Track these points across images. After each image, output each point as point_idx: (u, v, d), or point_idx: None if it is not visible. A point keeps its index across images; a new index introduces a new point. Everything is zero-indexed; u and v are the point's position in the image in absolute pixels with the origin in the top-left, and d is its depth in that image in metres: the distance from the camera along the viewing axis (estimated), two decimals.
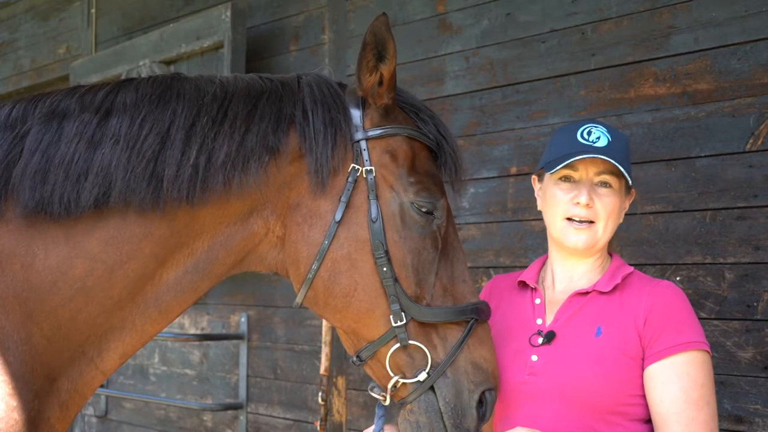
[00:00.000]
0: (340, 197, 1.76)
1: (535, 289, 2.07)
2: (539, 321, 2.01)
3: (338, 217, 1.76)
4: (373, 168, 1.78)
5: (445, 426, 1.77)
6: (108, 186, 1.66)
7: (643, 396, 1.88)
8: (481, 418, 1.80)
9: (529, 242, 3.26)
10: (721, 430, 2.69)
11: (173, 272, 1.75)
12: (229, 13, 4.25)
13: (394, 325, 1.76)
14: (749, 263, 2.68)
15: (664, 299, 1.91)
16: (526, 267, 2.19)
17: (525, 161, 3.30)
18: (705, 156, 2.81)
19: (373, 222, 1.76)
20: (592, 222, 1.96)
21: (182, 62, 4.59)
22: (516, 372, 1.96)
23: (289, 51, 4.30)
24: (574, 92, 3.17)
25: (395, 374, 1.79)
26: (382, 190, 1.79)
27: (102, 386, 5.24)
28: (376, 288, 1.76)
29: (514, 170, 3.35)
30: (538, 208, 2.09)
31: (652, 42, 2.96)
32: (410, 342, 1.76)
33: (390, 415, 1.94)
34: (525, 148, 3.31)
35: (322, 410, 3.24)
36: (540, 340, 1.96)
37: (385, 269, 1.75)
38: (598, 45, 3.11)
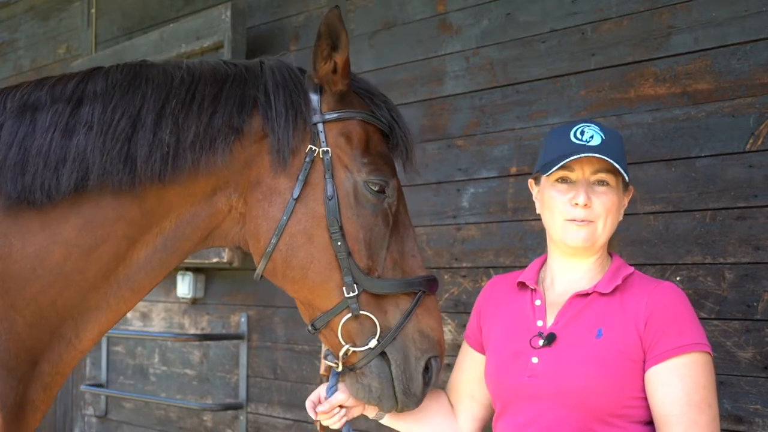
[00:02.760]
0: (298, 176, 1.87)
1: (535, 290, 2.06)
2: (540, 323, 2.00)
3: (296, 194, 1.87)
4: (329, 149, 1.89)
5: (394, 390, 1.90)
6: (86, 170, 1.74)
7: (645, 398, 1.88)
8: (427, 383, 1.93)
9: (529, 242, 3.26)
10: (721, 430, 2.69)
11: (143, 252, 1.85)
12: (229, 13, 4.25)
13: (346, 295, 1.88)
14: (749, 263, 2.68)
15: (665, 301, 1.90)
16: (525, 267, 2.18)
17: (525, 161, 3.30)
18: (705, 156, 2.81)
19: (329, 199, 1.87)
20: (591, 221, 1.96)
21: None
22: (517, 374, 1.96)
23: (289, 51, 4.30)
24: (574, 92, 3.17)
25: (346, 342, 1.91)
26: (337, 169, 1.90)
27: (102, 386, 5.25)
28: (331, 261, 1.88)
29: (514, 170, 3.35)
30: (537, 211, 2.09)
31: (652, 42, 2.96)
32: (361, 312, 1.89)
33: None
34: (525, 148, 3.31)
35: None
36: (540, 342, 1.95)
37: (339, 243, 1.86)
38: (598, 45, 3.11)
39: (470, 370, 2.18)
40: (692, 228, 2.82)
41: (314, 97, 1.93)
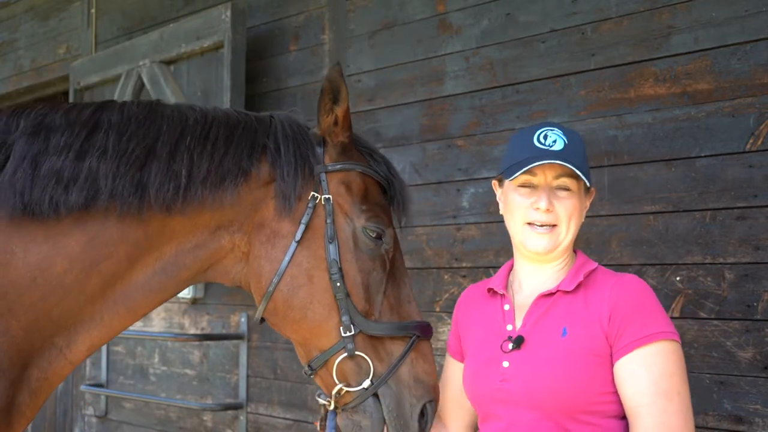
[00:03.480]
0: (301, 220, 1.97)
1: (504, 295, 2.08)
2: (509, 327, 2.01)
3: (298, 237, 1.96)
4: (330, 196, 2.00)
5: None
6: (96, 190, 1.81)
7: (616, 392, 1.88)
8: (422, 429, 1.96)
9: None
10: (721, 430, 2.69)
11: (143, 273, 1.91)
12: (229, 13, 4.25)
13: (343, 335, 1.94)
14: (749, 263, 2.68)
15: (627, 293, 1.91)
16: None
17: None
18: (705, 156, 2.81)
19: (330, 242, 1.97)
20: (554, 225, 1.97)
21: (182, 62, 4.59)
22: (490, 379, 1.97)
23: (289, 51, 4.30)
24: (574, 92, 3.17)
25: (340, 382, 1.96)
26: (337, 215, 2.00)
27: (102, 386, 5.25)
28: (330, 302, 1.96)
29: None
30: (500, 212, 2.11)
31: (652, 42, 2.96)
32: (357, 353, 1.94)
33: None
34: None
35: (322, 410, 3.24)
36: (510, 345, 1.96)
37: (338, 284, 1.94)
38: (598, 45, 3.11)
39: (455, 381, 2.21)
40: (692, 228, 2.82)
41: (318, 150, 2.04)
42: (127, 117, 1.89)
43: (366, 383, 1.94)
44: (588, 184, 1.97)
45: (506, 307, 2.05)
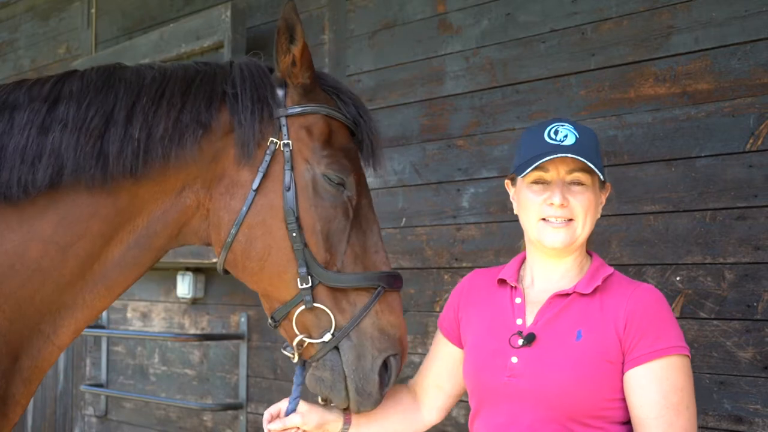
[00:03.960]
0: (259, 168, 1.91)
1: (515, 287, 2.05)
2: (519, 321, 1.99)
3: (255, 185, 1.90)
4: (290, 141, 1.93)
5: (346, 387, 1.90)
6: (60, 165, 1.79)
7: (623, 399, 1.87)
8: (385, 383, 1.92)
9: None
10: (721, 430, 2.69)
11: (118, 249, 1.89)
12: (229, 13, 4.25)
13: (300, 287, 1.89)
14: (749, 263, 2.68)
15: (645, 303, 1.90)
16: None
17: None
18: (705, 156, 2.81)
19: (287, 190, 1.90)
20: (570, 220, 1.94)
21: (182, 62, 4.58)
22: (496, 373, 1.95)
23: None
24: (574, 92, 3.17)
25: (301, 334, 1.92)
26: (297, 162, 1.93)
27: (102, 386, 5.25)
28: (287, 252, 1.90)
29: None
30: (514, 212, 2.08)
31: (652, 42, 2.96)
32: (315, 305, 1.89)
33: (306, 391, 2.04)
34: None
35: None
36: (520, 341, 1.94)
37: (294, 234, 1.88)
38: (598, 45, 3.11)
39: (440, 361, 2.17)
40: (692, 228, 2.82)
41: (280, 92, 1.97)
42: (86, 85, 1.86)
43: (327, 336, 1.89)
44: (602, 177, 1.95)
45: (517, 300, 2.02)
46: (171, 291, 4.84)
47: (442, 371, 2.17)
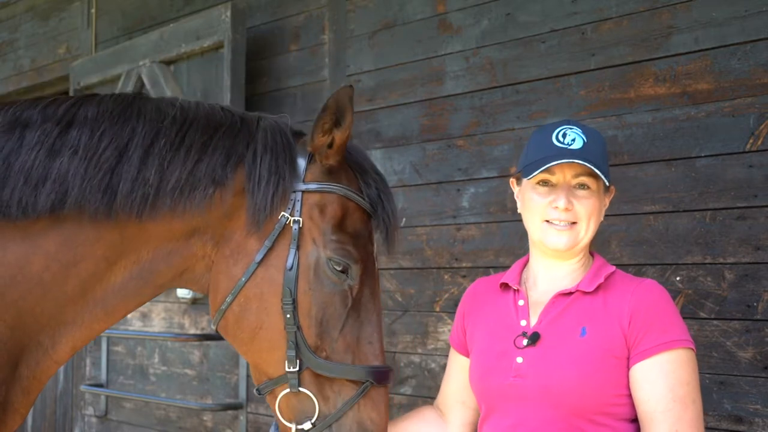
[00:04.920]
0: (265, 241, 1.86)
1: (518, 290, 2.06)
2: (523, 322, 2.00)
3: (258, 258, 1.85)
4: (300, 219, 1.87)
5: None
6: (64, 193, 1.75)
7: (630, 395, 1.88)
8: None
9: (529, 242, 3.26)
10: (721, 430, 2.69)
11: (120, 276, 1.86)
12: (229, 13, 4.25)
13: (287, 370, 1.84)
14: (749, 263, 2.68)
15: (649, 298, 1.91)
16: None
17: None
18: (705, 156, 2.81)
19: (288, 269, 1.85)
20: (574, 223, 1.96)
21: (182, 62, 4.59)
22: (502, 374, 1.96)
23: (289, 51, 4.30)
24: (574, 92, 3.17)
25: (284, 417, 1.88)
26: (305, 241, 1.88)
27: (102, 386, 5.24)
28: (279, 331, 1.85)
29: (514, 170, 3.35)
30: (518, 210, 2.09)
31: (652, 42, 2.96)
32: (300, 389, 1.84)
33: None
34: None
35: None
36: (524, 341, 1.95)
37: (288, 316, 1.83)
38: (598, 45, 3.11)
39: (458, 376, 2.19)
40: (692, 228, 2.82)
41: (302, 164, 1.92)
42: (101, 112, 1.81)
43: (307, 425, 1.84)
44: (607, 183, 1.96)
45: (520, 302, 2.04)
46: (171, 291, 4.84)
47: (461, 386, 2.18)
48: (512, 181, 2.13)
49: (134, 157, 1.78)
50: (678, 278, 2.83)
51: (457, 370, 2.19)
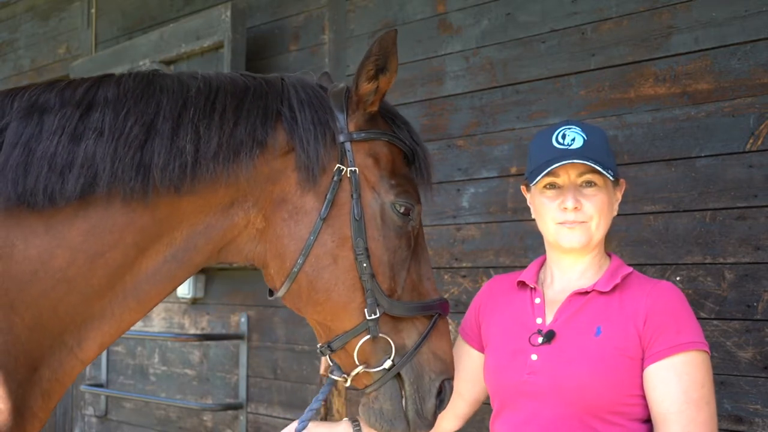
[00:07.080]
0: (326, 195, 1.82)
1: (535, 288, 2.08)
2: (539, 320, 2.01)
3: (324, 213, 1.82)
4: (356, 168, 1.85)
5: (406, 413, 1.87)
6: (94, 176, 1.67)
7: (643, 396, 1.88)
8: (439, 406, 1.90)
9: (529, 242, 3.26)
10: (721, 430, 2.69)
11: (153, 261, 1.77)
12: (229, 13, 4.25)
13: (368, 317, 1.84)
14: (749, 263, 2.68)
15: (664, 299, 1.91)
16: (525, 267, 2.19)
17: (525, 161, 3.29)
18: (705, 156, 2.81)
19: (356, 220, 1.83)
20: (584, 222, 1.97)
21: (182, 62, 4.59)
22: (516, 371, 1.97)
23: (289, 51, 4.30)
24: (574, 92, 3.17)
25: (360, 363, 1.87)
26: (364, 190, 1.87)
27: (102, 386, 5.25)
28: (355, 282, 1.84)
29: (514, 170, 3.35)
30: (532, 216, 2.11)
31: (652, 42, 2.96)
32: (380, 334, 1.85)
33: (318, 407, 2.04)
34: (525, 148, 3.31)
35: (322, 410, 3.24)
36: (540, 339, 1.96)
37: (364, 265, 1.83)
38: (598, 45, 3.11)
39: (463, 368, 2.18)
40: (692, 228, 2.82)
41: (340, 116, 1.88)
42: (123, 92, 1.73)
43: (387, 363, 1.85)
44: (611, 177, 1.96)
45: (537, 300, 2.05)
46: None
47: (463, 378, 2.17)
48: (522, 188, 2.16)
49: (165, 129, 1.70)
50: (678, 278, 2.83)
51: (462, 361, 2.19)
